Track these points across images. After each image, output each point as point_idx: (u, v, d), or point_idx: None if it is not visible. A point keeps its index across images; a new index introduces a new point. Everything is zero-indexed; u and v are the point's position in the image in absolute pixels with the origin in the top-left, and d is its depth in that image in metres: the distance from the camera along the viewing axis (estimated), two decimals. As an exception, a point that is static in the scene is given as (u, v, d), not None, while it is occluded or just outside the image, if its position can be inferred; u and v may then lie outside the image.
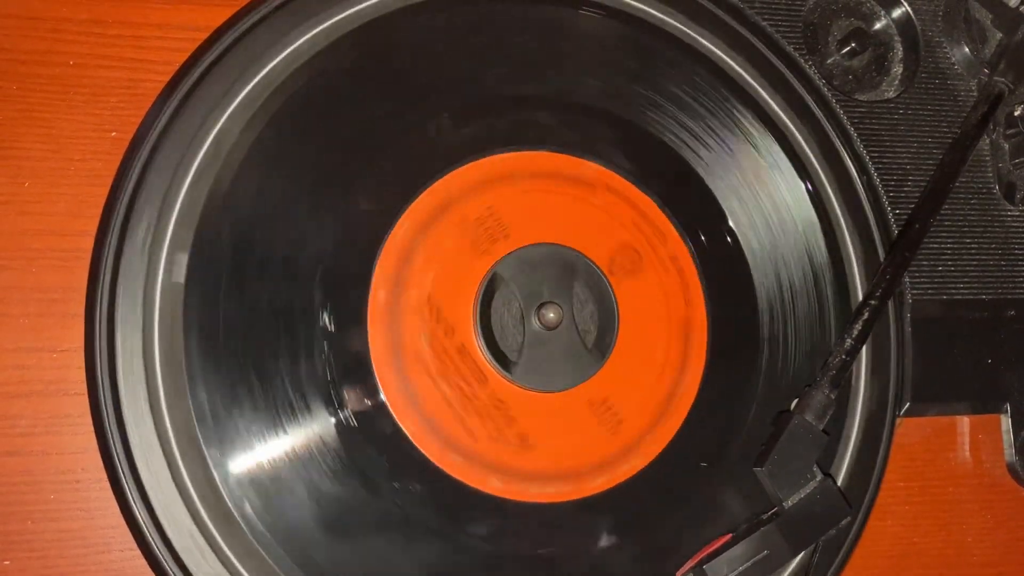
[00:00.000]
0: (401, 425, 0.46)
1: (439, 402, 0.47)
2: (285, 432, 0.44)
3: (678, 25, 0.54)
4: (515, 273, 0.49)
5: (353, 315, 0.46)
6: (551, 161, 0.51)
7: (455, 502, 0.46)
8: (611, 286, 0.50)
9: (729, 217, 0.53)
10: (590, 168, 0.51)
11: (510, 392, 0.48)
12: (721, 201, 0.53)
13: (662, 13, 0.54)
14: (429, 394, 0.46)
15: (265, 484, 0.44)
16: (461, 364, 0.48)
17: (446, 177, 0.49)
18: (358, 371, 0.46)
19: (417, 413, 0.46)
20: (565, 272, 0.50)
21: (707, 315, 0.51)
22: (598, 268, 0.50)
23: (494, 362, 0.48)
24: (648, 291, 0.51)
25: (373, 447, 0.45)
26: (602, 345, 0.49)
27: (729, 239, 0.52)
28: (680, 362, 0.51)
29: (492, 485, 0.47)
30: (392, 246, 0.47)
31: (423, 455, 0.46)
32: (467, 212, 0.49)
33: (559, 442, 0.48)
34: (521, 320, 0.49)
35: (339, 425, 0.45)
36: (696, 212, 0.52)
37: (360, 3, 0.49)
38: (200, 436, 0.43)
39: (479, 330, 0.48)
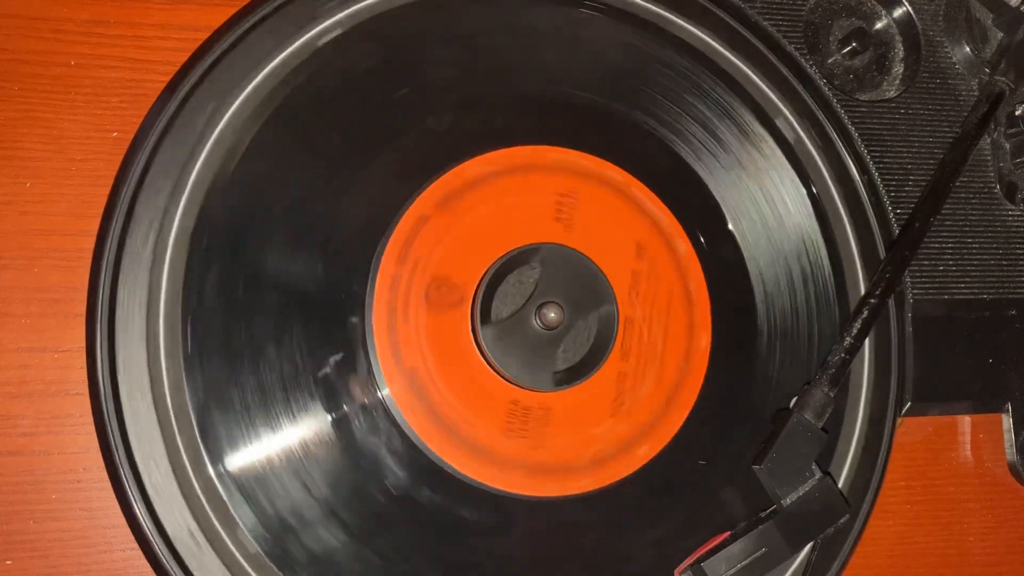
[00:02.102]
0: (408, 421, 0.46)
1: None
2: (286, 432, 0.44)
3: (679, 23, 0.54)
4: (553, 262, 0.49)
5: (356, 311, 0.46)
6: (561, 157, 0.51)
7: (457, 498, 0.46)
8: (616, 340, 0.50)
9: (728, 217, 0.53)
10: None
11: (464, 335, 0.48)
12: (720, 200, 0.53)
13: (663, 11, 0.54)
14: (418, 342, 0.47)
15: (266, 484, 0.44)
16: (452, 287, 0.48)
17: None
18: (360, 367, 0.46)
19: (425, 408, 0.46)
20: (591, 301, 0.49)
21: (709, 315, 0.51)
22: (617, 322, 0.49)
23: (478, 306, 0.48)
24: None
25: (373, 446, 0.45)
26: (567, 377, 0.49)
27: (728, 239, 0.52)
28: (682, 366, 0.51)
29: (485, 474, 0.47)
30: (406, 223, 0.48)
31: (427, 455, 0.46)
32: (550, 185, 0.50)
33: (465, 401, 0.47)
34: (525, 300, 0.49)
35: (339, 423, 0.45)
36: (696, 212, 0.52)
37: (360, 1, 0.49)
38: (201, 436, 0.43)
39: (488, 274, 0.48)
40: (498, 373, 0.48)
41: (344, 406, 0.45)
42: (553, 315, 0.48)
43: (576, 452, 0.48)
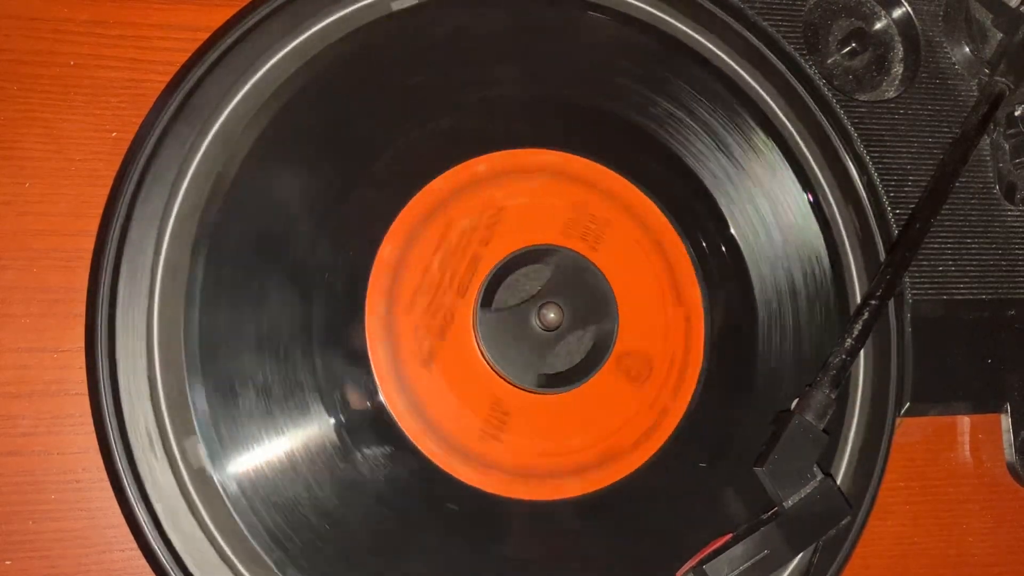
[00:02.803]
0: (401, 425, 0.46)
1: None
2: (286, 432, 0.44)
3: (677, 25, 0.54)
4: (567, 269, 0.49)
5: (356, 313, 0.46)
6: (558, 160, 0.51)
7: (456, 499, 0.46)
8: (607, 360, 0.49)
9: (728, 218, 0.53)
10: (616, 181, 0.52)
11: (464, 322, 0.48)
12: (720, 202, 0.53)
13: (662, 13, 0.54)
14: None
15: (265, 484, 0.44)
16: (464, 265, 0.48)
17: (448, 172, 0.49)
18: (358, 368, 0.46)
19: (418, 414, 0.46)
20: (593, 311, 0.50)
21: (705, 310, 0.51)
22: (614, 340, 0.50)
23: (481, 292, 0.48)
24: (630, 400, 0.50)
25: (372, 444, 0.45)
26: (551, 382, 0.49)
27: (729, 241, 0.52)
28: (681, 367, 0.51)
29: (481, 479, 0.47)
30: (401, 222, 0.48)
31: (425, 456, 0.46)
32: (586, 203, 0.50)
33: (445, 390, 0.47)
34: (528, 297, 0.49)
35: (339, 423, 0.45)
36: (695, 213, 0.52)
37: (359, 3, 0.49)
38: (201, 436, 0.43)
39: (500, 265, 0.48)
40: (485, 360, 0.48)
41: (344, 407, 0.45)
42: (553, 316, 0.48)
43: (576, 455, 0.48)
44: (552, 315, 0.48)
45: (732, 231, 0.52)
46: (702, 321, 0.51)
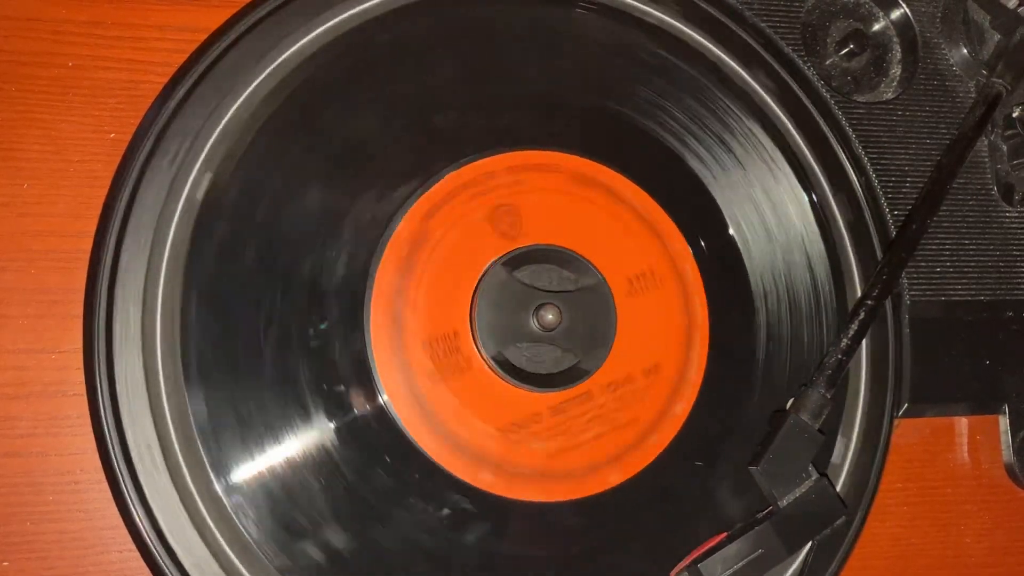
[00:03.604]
0: (403, 424, 0.46)
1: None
2: (284, 433, 0.44)
3: (677, 25, 0.54)
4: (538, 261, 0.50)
5: (355, 316, 0.46)
6: (559, 160, 0.51)
7: (456, 500, 0.46)
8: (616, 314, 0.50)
9: (727, 219, 0.53)
10: (603, 172, 0.51)
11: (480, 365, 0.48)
12: (719, 203, 0.53)
13: (661, 14, 0.54)
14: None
15: (263, 484, 0.44)
16: (449, 346, 0.48)
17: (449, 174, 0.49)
18: (359, 371, 0.46)
19: (419, 407, 0.46)
20: (576, 273, 0.50)
21: (707, 316, 0.51)
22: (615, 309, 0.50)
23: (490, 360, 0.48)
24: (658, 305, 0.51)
25: (371, 444, 0.46)
26: (558, 381, 0.49)
27: (727, 241, 0.52)
28: (680, 367, 0.51)
29: (485, 480, 0.47)
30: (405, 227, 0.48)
31: (426, 455, 0.46)
32: (495, 199, 0.49)
33: (467, 403, 0.47)
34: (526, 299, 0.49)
35: (339, 424, 0.45)
36: (694, 214, 0.52)
37: (359, 4, 0.49)
38: (198, 438, 0.43)
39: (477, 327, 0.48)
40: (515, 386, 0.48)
41: (345, 411, 0.45)
42: (551, 316, 0.48)
43: (574, 455, 0.48)
44: (550, 316, 0.48)
45: (731, 231, 0.52)
46: (707, 339, 0.51)
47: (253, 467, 0.44)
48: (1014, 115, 0.58)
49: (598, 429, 0.49)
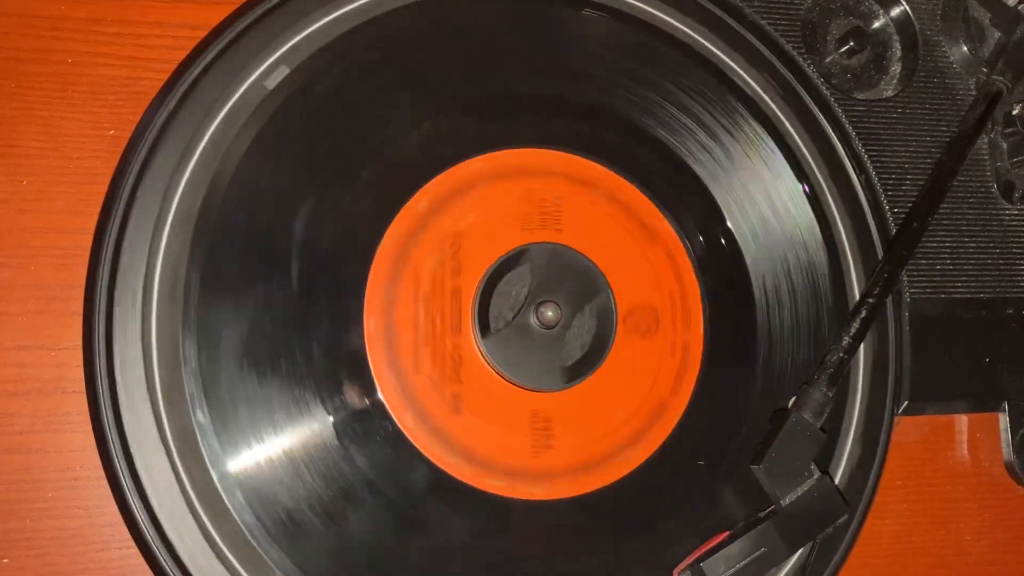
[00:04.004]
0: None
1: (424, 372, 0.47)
2: (283, 430, 0.44)
3: (676, 24, 0.54)
4: (543, 262, 0.49)
5: (354, 313, 0.46)
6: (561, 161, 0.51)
7: (455, 501, 0.46)
8: (616, 329, 0.50)
9: (727, 217, 0.53)
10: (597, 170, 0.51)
11: (472, 357, 0.48)
12: (718, 200, 0.53)
13: (661, 12, 0.54)
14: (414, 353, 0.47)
15: (262, 481, 0.44)
16: (448, 303, 0.48)
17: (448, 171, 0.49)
18: (356, 367, 0.46)
19: (412, 408, 0.46)
20: (585, 291, 0.50)
21: (707, 315, 0.51)
22: (615, 308, 0.50)
23: (476, 322, 0.48)
24: (650, 352, 0.51)
25: (369, 442, 0.45)
26: (576, 371, 0.49)
27: (726, 239, 0.52)
28: (680, 366, 0.51)
29: (481, 479, 0.47)
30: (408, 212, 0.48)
31: (422, 453, 0.46)
32: (532, 191, 0.50)
33: (484, 425, 0.47)
34: (522, 302, 0.49)
35: (336, 420, 0.45)
36: (694, 211, 0.52)
37: (356, 2, 0.49)
38: (198, 434, 0.43)
39: (481, 287, 0.48)
40: (509, 382, 0.48)
41: (344, 407, 0.45)
42: (551, 314, 0.48)
43: (626, 425, 0.49)
44: (550, 313, 0.48)
45: (729, 225, 0.52)
46: (685, 255, 0.52)
47: (253, 463, 0.44)
48: (1014, 113, 0.58)
49: (596, 426, 0.49)
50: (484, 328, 0.48)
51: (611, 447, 0.49)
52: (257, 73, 0.46)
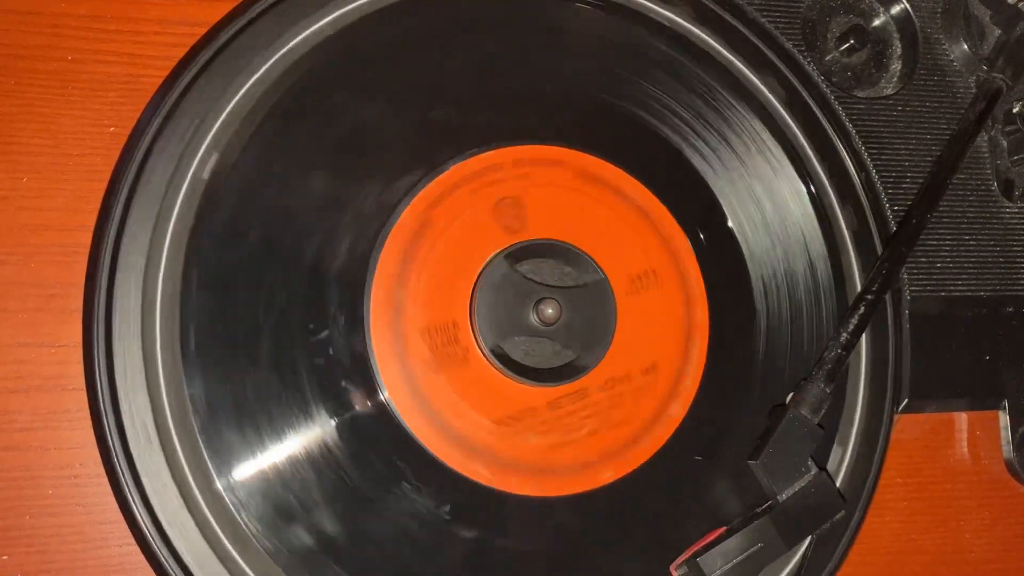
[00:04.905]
0: (404, 421, 0.46)
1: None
2: (282, 427, 0.44)
3: (677, 20, 0.54)
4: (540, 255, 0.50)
5: (356, 307, 0.46)
6: (564, 155, 0.51)
7: (452, 494, 0.46)
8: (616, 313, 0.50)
9: (728, 214, 0.53)
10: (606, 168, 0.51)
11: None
12: (719, 198, 0.53)
13: (663, 9, 0.54)
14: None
15: (263, 478, 0.44)
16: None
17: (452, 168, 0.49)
18: (359, 367, 0.46)
19: (420, 405, 0.46)
20: (588, 295, 0.50)
21: (707, 312, 0.51)
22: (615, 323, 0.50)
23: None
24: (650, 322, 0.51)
25: (369, 441, 0.46)
26: (563, 374, 0.49)
27: (727, 236, 0.52)
28: (680, 363, 0.51)
29: (481, 473, 0.47)
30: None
31: (428, 452, 0.46)
32: (500, 192, 0.49)
33: (464, 395, 0.47)
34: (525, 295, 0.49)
35: (338, 417, 0.45)
36: (695, 209, 0.52)
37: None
38: (198, 432, 0.43)
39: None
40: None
41: (344, 404, 0.45)
42: (551, 311, 0.48)
43: (573, 451, 0.48)
44: (550, 310, 0.48)
45: (730, 224, 0.52)
46: (706, 338, 0.51)
47: (252, 461, 0.44)
48: (1014, 110, 0.58)
49: (594, 425, 0.49)
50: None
51: (567, 461, 0.48)
52: (197, 158, 0.46)
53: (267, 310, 0.45)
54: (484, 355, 0.47)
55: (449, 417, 0.47)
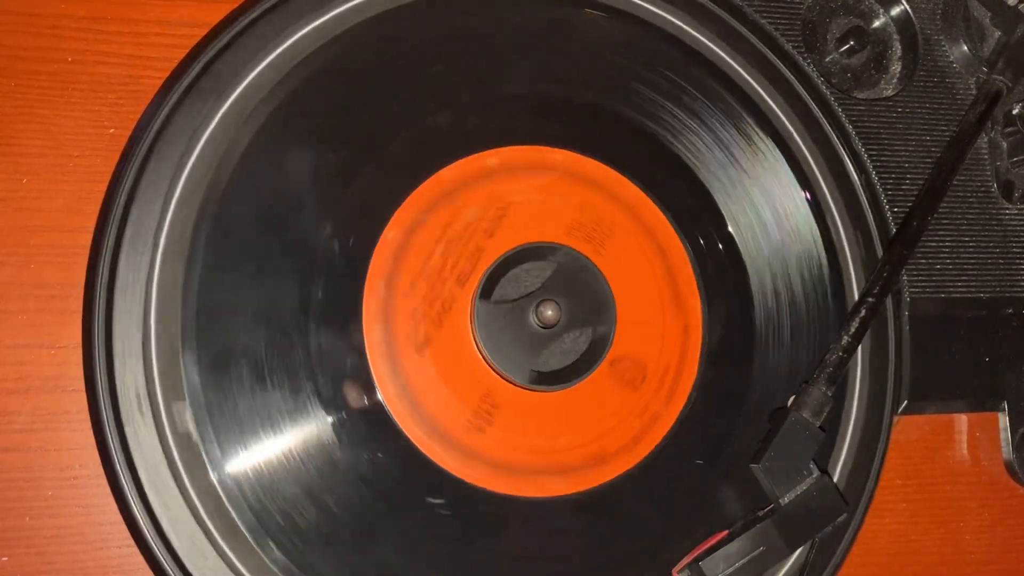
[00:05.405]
0: (389, 407, 0.46)
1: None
2: (282, 426, 0.44)
3: (677, 23, 0.54)
4: (569, 268, 0.49)
5: (354, 293, 0.47)
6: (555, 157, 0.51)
7: (436, 486, 0.46)
8: (600, 363, 0.49)
9: (727, 215, 0.53)
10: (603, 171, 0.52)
11: (461, 312, 0.48)
12: (718, 199, 0.53)
13: (661, 11, 0.54)
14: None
15: (261, 479, 0.44)
16: (467, 254, 0.48)
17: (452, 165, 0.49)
18: (353, 350, 0.46)
19: (413, 407, 0.46)
20: (592, 314, 0.50)
21: (703, 312, 0.51)
22: (610, 344, 0.50)
23: (482, 283, 0.48)
24: (620, 403, 0.50)
25: (359, 424, 0.46)
26: (544, 379, 0.49)
27: (726, 237, 0.52)
28: (677, 363, 0.51)
29: (479, 474, 0.47)
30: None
31: (409, 440, 0.46)
32: (593, 204, 0.51)
33: (437, 378, 0.47)
34: (530, 291, 0.49)
35: (335, 418, 0.45)
36: (694, 210, 0.52)
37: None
38: (197, 433, 0.43)
39: (504, 258, 0.48)
40: (480, 353, 0.48)
41: (336, 387, 0.45)
42: (550, 313, 0.48)
43: (562, 455, 0.48)
44: (550, 312, 0.48)
45: (730, 229, 0.52)
46: (700, 332, 0.51)
47: (251, 461, 0.44)
48: (1014, 112, 0.58)
49: (595, 425, 0.49)
50: (486, 292, 0.48)
51: (536, 465, 0.48)
52: (197, 159, 0.46)
53: (267, 310, 0.45)
54: (531, 390, 0.48)
55: (434, 409, 0.47)
